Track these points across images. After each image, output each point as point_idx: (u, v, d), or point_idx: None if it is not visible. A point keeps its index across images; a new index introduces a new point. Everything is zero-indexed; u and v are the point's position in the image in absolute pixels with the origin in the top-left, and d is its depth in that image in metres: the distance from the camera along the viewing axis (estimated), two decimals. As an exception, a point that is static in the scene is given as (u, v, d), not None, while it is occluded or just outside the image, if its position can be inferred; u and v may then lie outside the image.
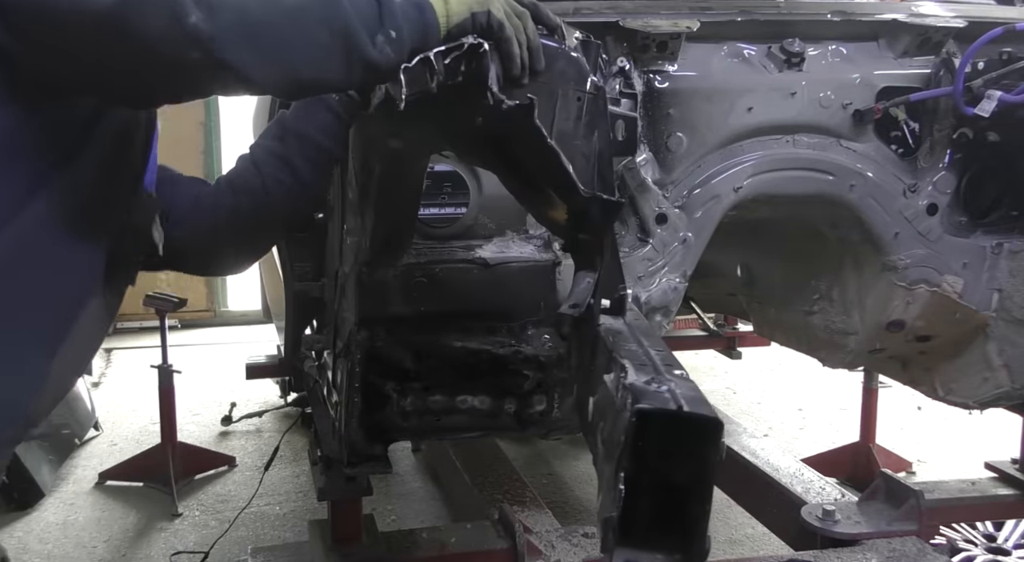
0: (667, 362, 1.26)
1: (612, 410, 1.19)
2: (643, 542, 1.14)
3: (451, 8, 1.27)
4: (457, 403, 1.90)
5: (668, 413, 1.11)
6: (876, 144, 2.12)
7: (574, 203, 1.38)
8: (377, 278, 1.79)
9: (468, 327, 1.89)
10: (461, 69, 1.26)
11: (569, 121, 1.38)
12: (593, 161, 1.41)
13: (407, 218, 1.69)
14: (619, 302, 1.46)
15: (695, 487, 1.13)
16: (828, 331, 2.42)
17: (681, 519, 1.15)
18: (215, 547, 3.41)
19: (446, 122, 1.39)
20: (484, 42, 1.26)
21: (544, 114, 1.32)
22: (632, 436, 1.11)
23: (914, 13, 2.11)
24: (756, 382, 5.66)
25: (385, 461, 1.96)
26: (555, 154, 1.31)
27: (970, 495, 2.71)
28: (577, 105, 1.39)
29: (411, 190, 1.62)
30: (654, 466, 1.14)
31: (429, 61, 1.24)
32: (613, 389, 1.21)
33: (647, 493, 1.15)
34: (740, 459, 2.97)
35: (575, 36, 1.41)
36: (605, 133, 1.44)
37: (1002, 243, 2.21)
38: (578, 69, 1.38)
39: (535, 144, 1.30)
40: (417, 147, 1.52)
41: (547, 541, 2.41)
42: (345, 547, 2.37)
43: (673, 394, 1.14)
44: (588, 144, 1.41)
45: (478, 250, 1.88)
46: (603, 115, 1.43)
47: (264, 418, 4.99)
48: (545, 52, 1.33)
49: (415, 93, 1.25)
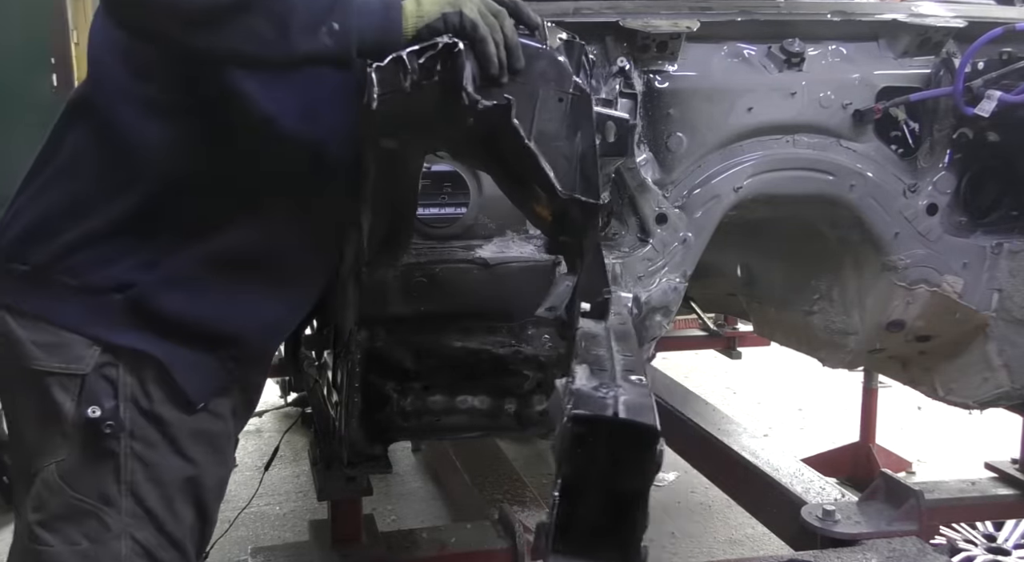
0: (627, 367, 1.23)
1: (560, 415, 1.16)
2: (582, 550, 1.11)
3: (423, 9, 1.29)
4: (457, 403, 1.91)
5: (602, 419, 1.08)
6: (876, 144, 2.12)
7: (554, 205, 1.37)
8: (377, 278, 1.79)
9: (468, 327, 1.89)
10: (436, 69, 1.26)
11: (551, 122, 1.37)
12: (575, 163, 1.40)
13: (405, 218, 1.68)
14: (601, 305, 1.44)
15: (633, 495, 1.10)
16: (828, 331, 2.42)
17: (621, 528, 1.12)
18: (215, 547, 3.40)
19: (439, 122, 1.39)
20: (459, 42, 1.25)
21: (523, 114, 1.32)
22: (569, 441, 1.08)
23: (914, 13, 2.11)
24: (756, 382, 5.66)
25: (385, 461, 1.96)
26: (533, 155, 1.30)
27: (970, 495, 2.71)
28: (559, 106, 1.38)
29: (407, 190, 1.61)
30: (604, 474, 1.12)
31: (402, 61, 1.24)
32: (563, 394, 1.19)
33: (596, 501, 1.12)
34: (740, 459, 2.96)
35: (559, 36, 1.41)
36: (590, 134, 1.43)
37: (1002, 243, 2.21)
38: (559, 70, 1.38)
39: (514, 145, 1.30)
40: (411, 147, 1.52)
41: (547, 541, 2.41)
42: (345, 547, 2.37)
43: (615, 400, 1.11)
44: (570, 145, 1.39)
45: (478, 250, 1.88)
46: (587, 116, 1.41)
47: (264, 418, 4.99)
48: (525, 52, 1.33)
49: (387, 92, 1.25)
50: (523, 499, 2.83)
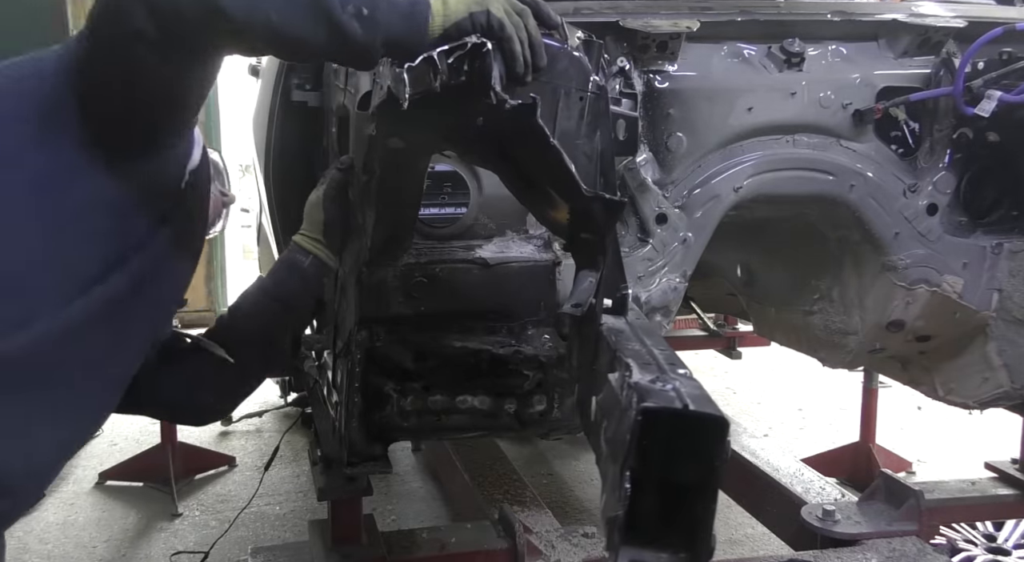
0: (671, 361, 1.26)
1: (618, 409, 1.18)
2: (648, 541, 1.14)
3: (449, 8, 1.29)
4: (457, 403, 1.90)
5: (674, 412, 1.10)
6: (876, 144, 2.12)
7: (577, 202, 1.38)
8: (377, 278, 1.79)
9: (468, 327, 1.89)
10: (464, 69, 1.26)
11: (571, 121, 1.38)
12: (596, 160, 1.41)
13: (407, 218, 1.68)
14: (621, 301, 1.46)
15: (700, 486, 1.13)
16: (828, 331, 2.42)
17: (686, 518, 1.14)
18: (215, 547, 3.41)
19: (448, 122, 1.39)
20: (487, 41, 1.26)
21: (547, 113, 1.32)
22: (638, 435, 1.10)
23: (914, 13, 2.11)
24: (756, 382, 5.66)
25: (385, 461, 1.96)
26: (558, 153, 1.31)
27: (970, 495, 2.71)
28: (579, 105, 1.39)
29: (412, 191, 1.62)
30: (659, 465, 1.14)
31: (432, 61, 1.24)
32: (618, 388, 1.21)
33: (652, 492, 1.14)
34: (740, 459, 2.96)
35: (577, 35, 1.41)
36: (607, 133, 1.44)
37: (1002, 243, 2.21)
38: (580, 68, 1.39)
39: (538, 143, 1.30)
40: (418, 147, 1.53)
41: (547, 541, 2.41)
42: (345, 547, 2.37)
43: (679, 393, 1.14)
44: (590, 143, 1.41)
45: (478, 250, 1.88)
46: (605, 115, 1.43)
47: (264, 418, 4.99)
48: (547, 51, 1.33)
49: (419, 92, 1.25)
50: (523, 499, 2.82)
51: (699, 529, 1.13)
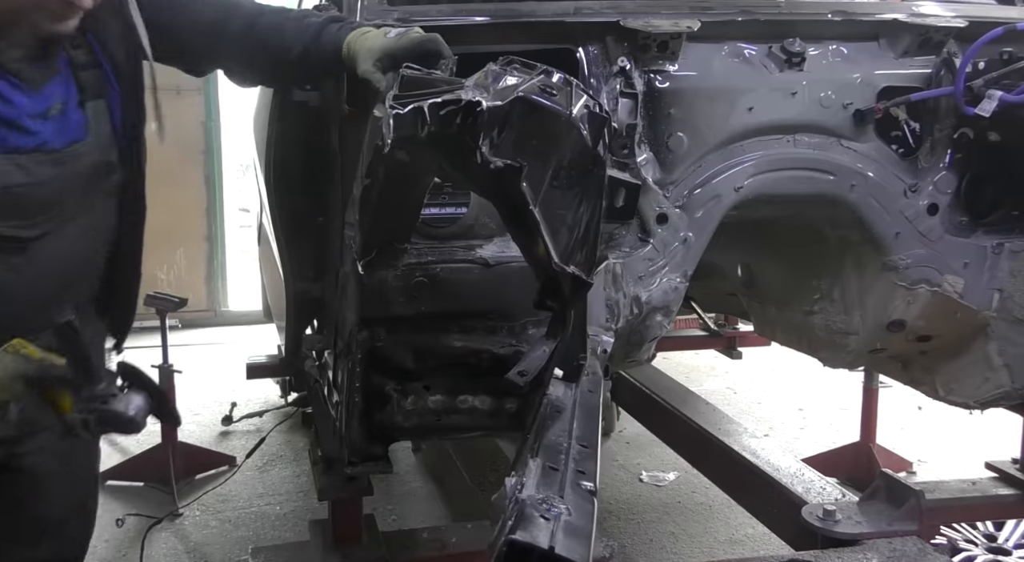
0: (580, 468, 1.21)
1: (501, 517, 1.14)
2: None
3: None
4: (457, 403, 1.90)
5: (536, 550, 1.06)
6: (877, 144, 2.12)
7: (545, 272, 1.34)
8: (377, 278, 1.79)
9: (469, 327, 1.89)
10: (456, 123, 1.24)
11: (560, 189, 1.34)
12: (577, 234, 1.36)
13: (405, 227, 1.68)
14: (575, 371, 1.43)
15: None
16: (828, 331, 2.42)
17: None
18: (215, 547, 3.41)
19: (451, 156, 1.37)
20: (481, 101, 1.23)
21: (535, 177, 1.28)
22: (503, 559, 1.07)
23: (915, 13, 2.11)
24: (756, 382, 5.66)
25: (385, 461, 1.96)
26: (535, 222, 1.27)
27: (970, 495, 2.71)
28: (571, 175, 1.34)
29: (412, 201, 1.60)
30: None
31: (422, 112, 1.23)
32: (509, 494, 1.16)
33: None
34: (740, 459, 2.96)
35: (584, 104, 1.36)
36: (597, 205, 1.39)
37: (1003, 243, 2.21)
38: (578, 138, 1.34)
39: (519, 204, 1.27)
40: (423, 165, 1.51)
41: (547, 541, 2.40)
42: (345, 547, 2.37)
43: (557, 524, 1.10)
44: (575, 215, 1.36)
45: (479, 250, 1.88)
46: (598, 190, 1.38)
47: (265, 418, 4.99)
48: (547, 116, 1.29)
49: (402, 137, 1.24)
50: (523, 499, 2.82)
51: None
